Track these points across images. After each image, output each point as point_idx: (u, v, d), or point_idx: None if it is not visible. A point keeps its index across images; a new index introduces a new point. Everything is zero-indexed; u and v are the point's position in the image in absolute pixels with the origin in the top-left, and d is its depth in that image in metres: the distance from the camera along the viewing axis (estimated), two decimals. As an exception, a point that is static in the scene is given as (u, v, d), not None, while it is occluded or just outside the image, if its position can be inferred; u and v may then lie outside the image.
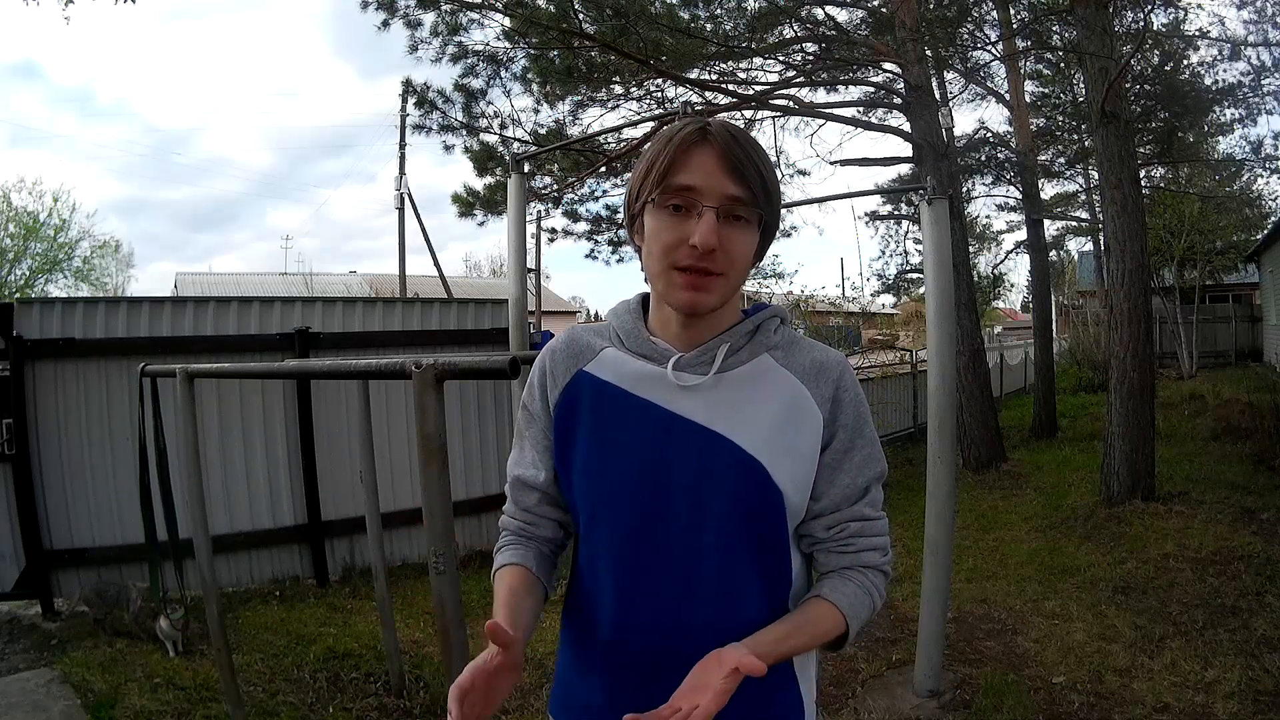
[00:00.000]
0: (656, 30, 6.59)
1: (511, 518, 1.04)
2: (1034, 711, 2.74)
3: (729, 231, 0.85)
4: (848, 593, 0.92)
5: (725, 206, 0.85)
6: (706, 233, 0.83)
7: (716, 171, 0.85)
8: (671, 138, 0.87)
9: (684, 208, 0.85)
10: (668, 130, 0.90)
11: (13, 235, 19.93)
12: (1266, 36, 7.37)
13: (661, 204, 0.87)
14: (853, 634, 0.93)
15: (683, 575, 0.90)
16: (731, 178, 0.85)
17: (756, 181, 0.86)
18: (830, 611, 0.91)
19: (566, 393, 0.97)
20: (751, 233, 0.88)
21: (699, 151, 0.85)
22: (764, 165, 0.87)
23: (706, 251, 0.84)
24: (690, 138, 0.86)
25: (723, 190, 0.85)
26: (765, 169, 0.87)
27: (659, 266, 0.88)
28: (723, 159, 0.85)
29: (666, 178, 0.86)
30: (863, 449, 0.94)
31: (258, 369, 3.72)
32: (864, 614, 0.93)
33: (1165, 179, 12.80)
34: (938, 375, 2.82)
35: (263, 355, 4.42)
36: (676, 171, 0.85)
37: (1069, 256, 21.96)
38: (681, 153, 0.86)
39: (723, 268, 0.86)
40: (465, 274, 34.25)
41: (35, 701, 2.93)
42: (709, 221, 0.84)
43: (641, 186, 0.89)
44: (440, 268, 15.01)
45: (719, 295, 0.88)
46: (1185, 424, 8.78)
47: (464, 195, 8.77)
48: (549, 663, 3.21)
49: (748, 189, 0.85)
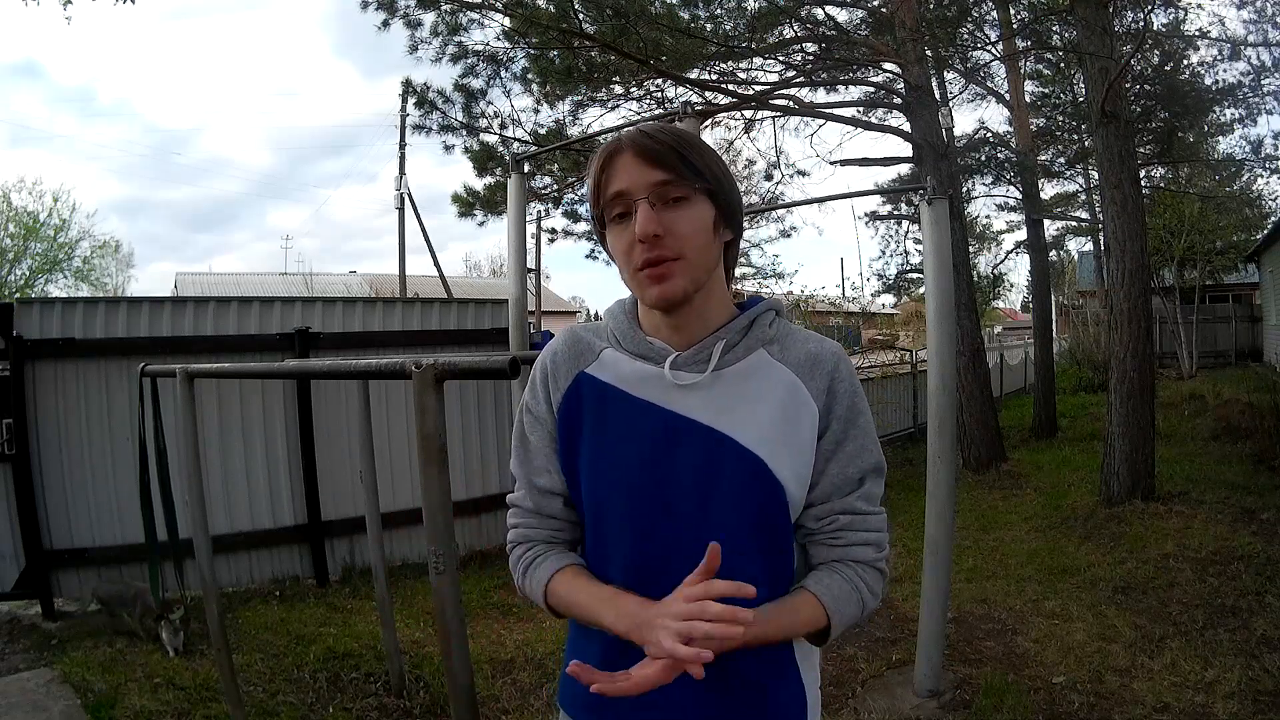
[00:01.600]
0: (656, 30, 6.58)
1: (534, 529, 1.01)
2: (1034, 711, 2.74)
3: (669, 215, 0.88)
4: (831, 585, 0.92)
5: (654, 193, 0.88)
6: (644, 222, 0.87)
7: (636, 168, 0.88)
8: (597, 158, 0.92)
9: (625, 213, 0.89)
10: (596, 151, 0.94)
11: (13, 235, 19.94)
12: (1266, 36, 7.36)
13: (610, 218, 0.91)
14: (836, 628, 0.92)
15: (689, 572, 0.89)
16: (650, 166, 0.88)
17: (676, 160, 0.88)
18: (808, 602, 0.91)
19: (569, 395, 0.97)
20: (697, 207, 0.90)
21: (619, 159, 0.90)
22: (684, 145, 0.90)
23: (650, 239, 0.87)
24: (610, 150, 0.91)
25: (646, 180, 0.88)
26: (686, 147, 0.90)
27: (627, 274, 0.92)
28: (638, 155, 0.88)
29: (603, 193, 0.91)
30: (855, 440, 0.94)
31: (258, 369, 3.72)
32: (850, 609, 0.92)
33: (1165, 179, 12.78)
34: (938, 375, 2.82)
35: (263, 355, 4.42)
36: (608, 184, 0.90)
37: (1069, 256, 21.97)
38: (607, 167, 0.90)
39: (676, 250, 0.88)
40: (465, 274, 34.25)
41: (35, 701, 2.93)
42: (643, 211, 0.87)
43: (594, 213, 0.94)
44: (440, 268, 15.02)
45: (684, 278, 0.89)
46: (1185, 424, 8.78)
47: (464, 195, 8.78)
48: (549, 663, 3.21)
49: (668, 170, 0.88)
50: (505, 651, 3.41)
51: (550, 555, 1.00)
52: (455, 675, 1.21)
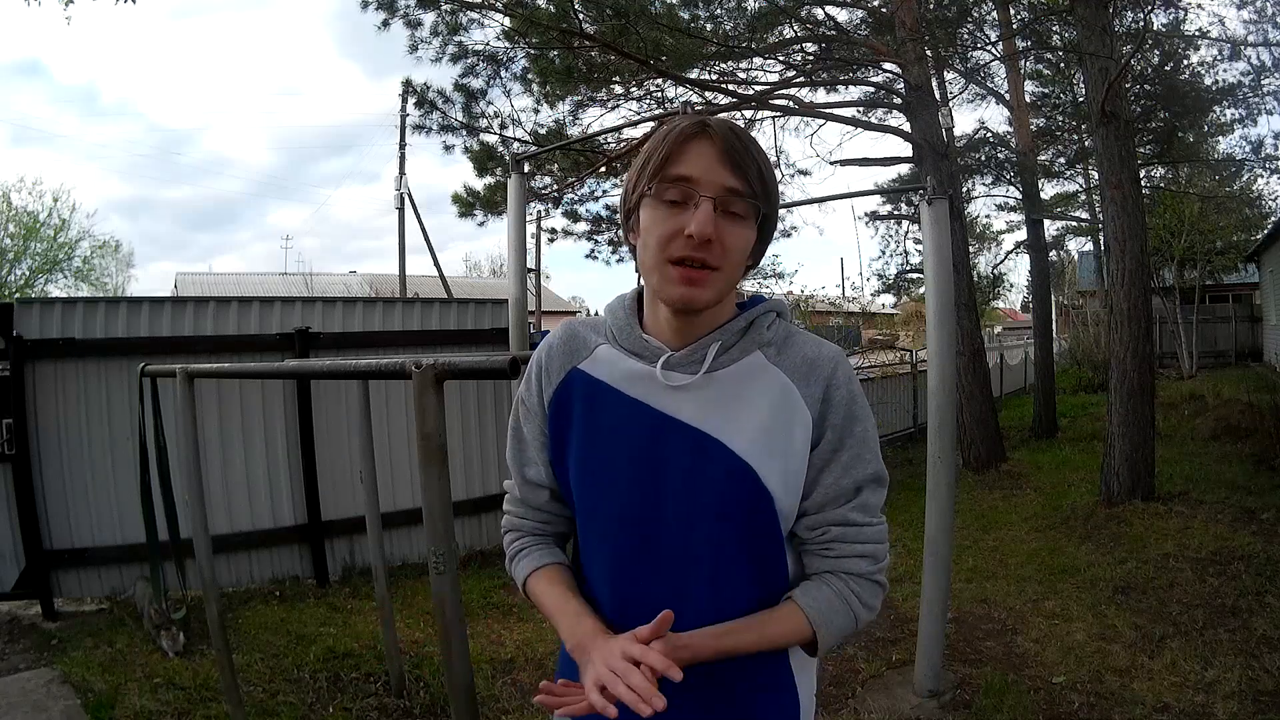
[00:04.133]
0: (656, 30, 6.58)
1: (522, 519, 1.03)
2: (1034, 711, 2.74)
3: (726, 225, 0.85)
4: (818, 598, 0.90)
5: (723, 198, 0.84)
6: (703, 221, 0.82)
7: (715, 163, 0.84)
8: (670, 132, 0.87)
9: (681, 201, 0.85)
10: (666, 126, 0.89)
11: (13, 235, 19.94)
12: (1266, 36, 7.37)
13: (658, 196, 0.86)
14: (824, 642, 0.90)
15: (675, 576, 0.90)
16: (730, 169, 0.84)
17: (755, 175, 0.85)
18: (791, 614, 0.89)
19: (560, 390, 0.97)
20: (749, 229, 0.88)
21: (698, 144, 0.85)
22: (763, 161, 0.87)
23: (702, 241, 0.83)
24: (689, 130, 0.86)
25: (720, 181, 0.84)
26: (764, 165, 0.87)
27: (654, 260, 0.87)
28: (722, 151, 0.84)
29: (664, 169, 0.85)
30: (851, 449, 0.91)
31: (258, 369, 3.72)
32: (839, 621, 0.90)
33: (1165, 179, 12.78)
34: (938, 375, 2.82)
35: (263, 355, 4.42)
36: (674, 163, 0.85)
37: (1069, 256, 21.92)
38: (680, 145, 0.85)
39: (718, 262, 0.85)
40: (465, 274, 34.23)
41: (35, 701, 2.93)
42: (706, 211, 0.83)
43: (638, 179, 0.88)
44: (440, 268, 15.02)
45: (713, 291, 0.86)
46: (1185, 424, 8.78)
47: (464, 195, 8.78)
48: (549, 663, 3.21)
49: (746, 181, 0.85)
50: (505, 651, 3.41)
51: (533, 551, 1.01)
52: (455, 675, 1.21)
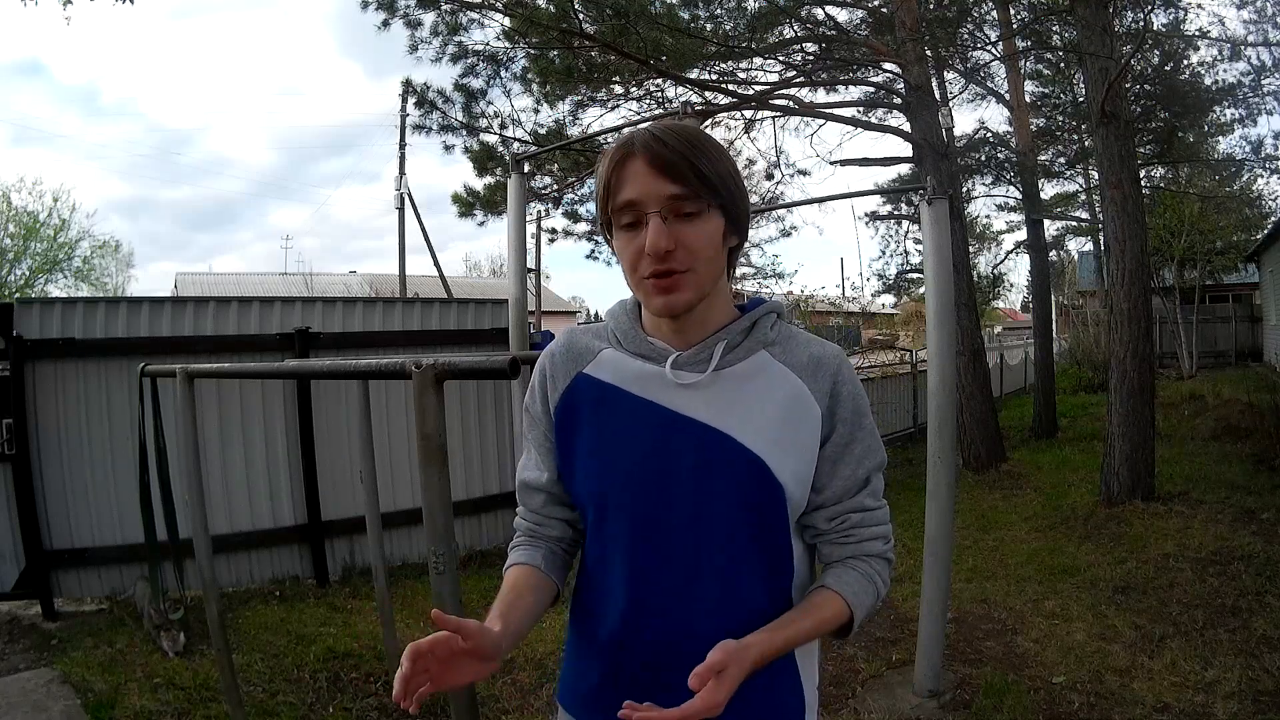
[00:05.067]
0: (656, 30, 6.58)
1: (522, 519, 1.07)
2: (1034, 711, 2.74)
3: (681, 228, 0.87)
4: (850, 581, 0.95)
5: (667, 207, 0.86)
6: (654, 237, 0.86)
7: (649, 178, 0.87)
8: (606, 161, 0.90)
9: (635, 222, 0.88)
10: (603, 153, 0.92)
11: (13, 235, 19.95)
12: (1266, 36, 7.37)
13: (617, 224, 0.90)
14: (858, 620, 0.95)
15: (689, 569, 0.92)
16: (665, 178, 0.86)
17: (691, 173, 0.86)
18: (832, 599, 0.93)
19: (566, 396, 0.99)
20: (708, 221, 0.89)
21: (630, 165, 0.88)
22: (698, 155, 0.87)
23: (661, 255, 0.86)
24: (618, 156, 0.89)
25: (660, 193, 0.86)
26: (700, 158, 0.87)
27: (632, 280, 0.92)
28: (651, 164, 0.86)
29: (611, 198, 0.89)
30: (862, 441, 0.96)
31: (258, 369, 3.72)
32: (868, 600, 0.95)
33: (1165, 179, 12.78)
34: (938, 375, 2.82)
35: (263, 355, 4.42)
36: (617, 190, 0.88)
37: (1069, 256, 21.92)
38: (617, 172, 0.89)
39: (686, 264, 0.88)
40: (465, 274, 34.22)
41: (35, 701, 2.93)
42: (655, 226, 0.86)
43: (600, 213, 0.93)
44: (440, 268, 15.00)
45: (691, 290, 0.89)
46: (1185, 424, 8.78)
47: (464, 195, 8.79)
48: (549, 662, 3.21)
49: (683, 184, 0.86)
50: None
51: (517, 549, 1.04)
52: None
